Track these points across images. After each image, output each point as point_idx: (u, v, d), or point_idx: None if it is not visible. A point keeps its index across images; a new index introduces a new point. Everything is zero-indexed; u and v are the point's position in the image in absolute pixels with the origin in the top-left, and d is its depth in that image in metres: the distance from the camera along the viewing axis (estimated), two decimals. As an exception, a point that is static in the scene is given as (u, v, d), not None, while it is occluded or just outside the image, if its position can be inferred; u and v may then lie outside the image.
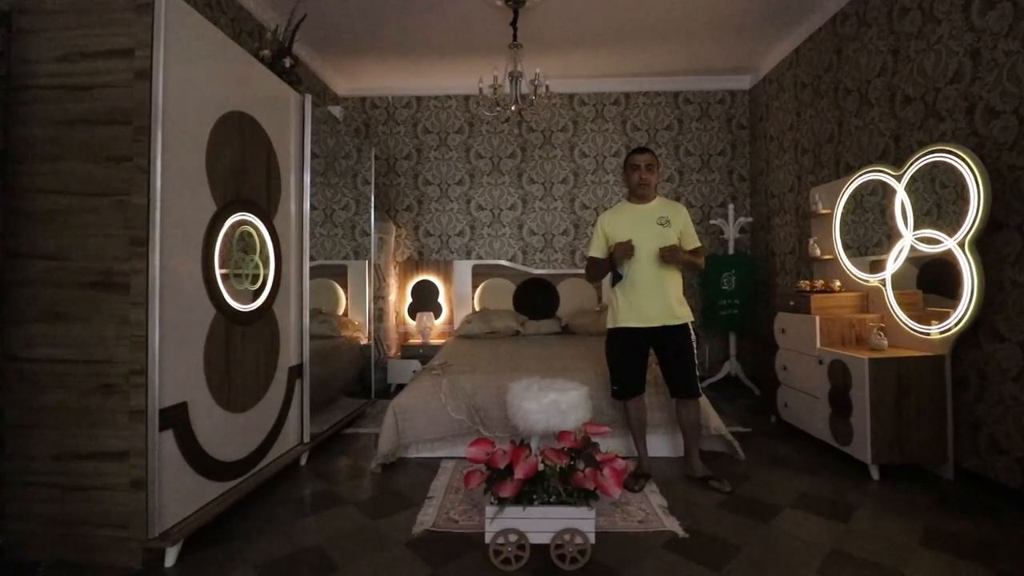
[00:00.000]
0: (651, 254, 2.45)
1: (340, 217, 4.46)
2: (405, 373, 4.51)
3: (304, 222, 2.92)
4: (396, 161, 5.02)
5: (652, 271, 2.46)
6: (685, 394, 2.52)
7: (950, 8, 2.60)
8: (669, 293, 2.49)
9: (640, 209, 2.55)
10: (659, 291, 2.47)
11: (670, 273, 2.51)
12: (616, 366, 2.58)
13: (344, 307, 4.43)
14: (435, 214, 5.00)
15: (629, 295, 2.50)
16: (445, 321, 4.92)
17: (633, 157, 2.55)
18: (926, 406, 2.59)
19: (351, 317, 4.41)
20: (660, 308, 2.47)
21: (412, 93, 5.00)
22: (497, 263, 4.90)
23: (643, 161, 2.51)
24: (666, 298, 2.48)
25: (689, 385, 2.50)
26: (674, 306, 2.49)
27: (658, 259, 2.44)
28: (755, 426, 3.45)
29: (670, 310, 2.48)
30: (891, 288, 2.91)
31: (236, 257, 2.27)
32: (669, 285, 2.49)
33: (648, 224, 2.49)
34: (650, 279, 2.47)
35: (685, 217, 2.57)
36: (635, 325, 2.48)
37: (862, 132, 3.31)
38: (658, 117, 4.93)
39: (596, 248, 2.61)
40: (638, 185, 2.52)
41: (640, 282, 2.47)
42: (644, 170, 2.50)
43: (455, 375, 2.97)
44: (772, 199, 4.48)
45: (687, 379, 2.50)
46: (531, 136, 4.99)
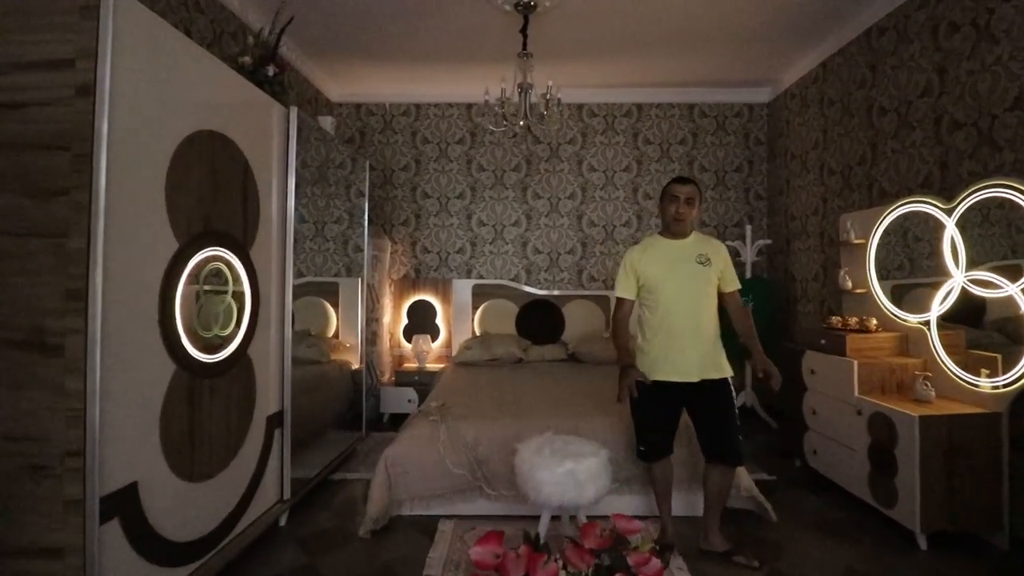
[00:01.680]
0: (690, 297, 2.16)
1: (332, 231, 4.17)
2: (399, 402, 4.21)
3: (288, 251, 2.62)
4: (393, 172, 4.71)
5: (691, 315, 2.15)
6: (724, 460, 2.19)
7: (1010, 27, 2.33)
8: (709, 341, 2.18)
9: (676, 245, 2.23)
10: (698, 339, 2.16)
11: (710, 316, 2.20)
12: (643, 424, 2.25)
13: (335, 328, 4.13)
14: (434, 229, 4.70)
15: (664, 343, 2.16)
16: (443, 344, 4.62)
17: (672, 187, 2.22)
18: (980, 469, 2.31)
19: (342, 339, 4.11)
20: (699, 360, 2.15)
21: (411, 100, 4.70)
22: (499, 283, 4.61)
23: (683, 193, 2.18)
24: (706, 347, 2.17)
25: (731, 451, 2.17)
26: (716, 357, 2.19)
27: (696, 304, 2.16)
28: (779, 471, 3.17)
29: (712, 362, 2.17)
30: (936, 331, 2.64)
31: (204, 300, 1.97)
32: (709, 331, 2.19)
33: (687, 262, 2.18)
34: (691, 326, 2.15)
35: (725, 256, 2.26)
36: (671, 379, 2.15)
37: (901, 156, 3.03)
38: (671, 130, 4.65)
39: (625, 288, 2.28)
40: (674, 220, 2.20)
41: (677, 329, 2.15)
42: (683, 203, 2.18)
43: (455, 420, 2.67)
44: (793, 221, 4.21)
45: (730, 443, 2.17)
46: (537, 148, 4.69)
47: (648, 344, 2.22)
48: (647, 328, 2.23)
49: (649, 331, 2.22)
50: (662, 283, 2.16)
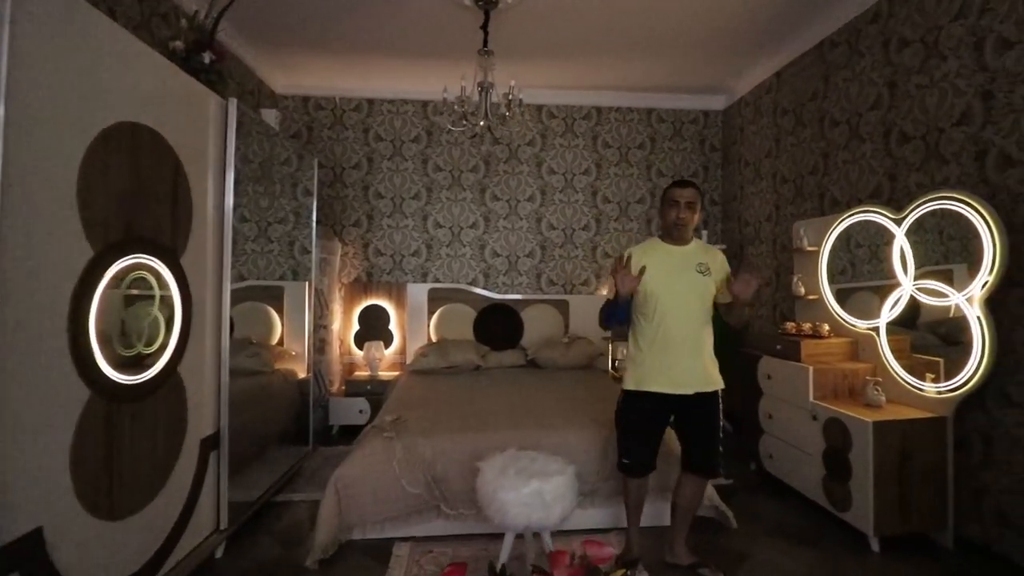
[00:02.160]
0: (688, 306, 2.08)
1: (276, 232, 3.90)
2: (350, 413, 3.99)
3: (225, 256, 2.38)
4: (343, 170, 4.47)
5: (688, 326, 2.08)
6: (702, 471, 2.17)
7: (958, 45, 2.42)
8: (705, 353, 2.12)
9: (676, 252, 2.13)
10: (696, 351, 2.09)
11: (707, 328, 2.15)
12: (630, 436, 2.17)
13: (279, 335, 3.87)
14: (387, 231, 4.49)
15: (659, 354, 2.07)
16: (397, 351, 4.43)
17: (672, 191, 2.12)
18: (929, 471, 2.40)
19: (288, 347, 3.86)
20: (696, 372, 2.08)
21: (363, 95, 4.47)
22: (456, 287, 4.46)
23: (684, 197, 2.08)
24: (702, 359, 2.10)
25: (710, 463, 2.15)
26: (710, 369, 2.13)
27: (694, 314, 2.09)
28: (735, 474, 3.21)
29: (706, 374, 2.11)
30: (885, 337, 2.72)
31: (125, 314, 1.74)
32: (705, 343, 2.13)
33: (686, 270, 2.08)
34: (687, 336, 2.07)
35: (724, 264, 2.19)
36: (665, 391, 2.07)
37: (851, 167, 3.13)
38: (630, 134, 4.65)
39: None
40: (675, 225, 2.09)
41: (675, 339, 2.06)
42: (684, 208, 2.07)
43: (411, 436, 2.52)
44: (747, 227, 4.30)
45: (711, 456, 2.15)
46: (496, 149, 4.58)
47: (641, 354, 2.13)
48: (641, 337, 2.13)
49: (643, 340, 2.12)
50: (660, 290, 2.06)
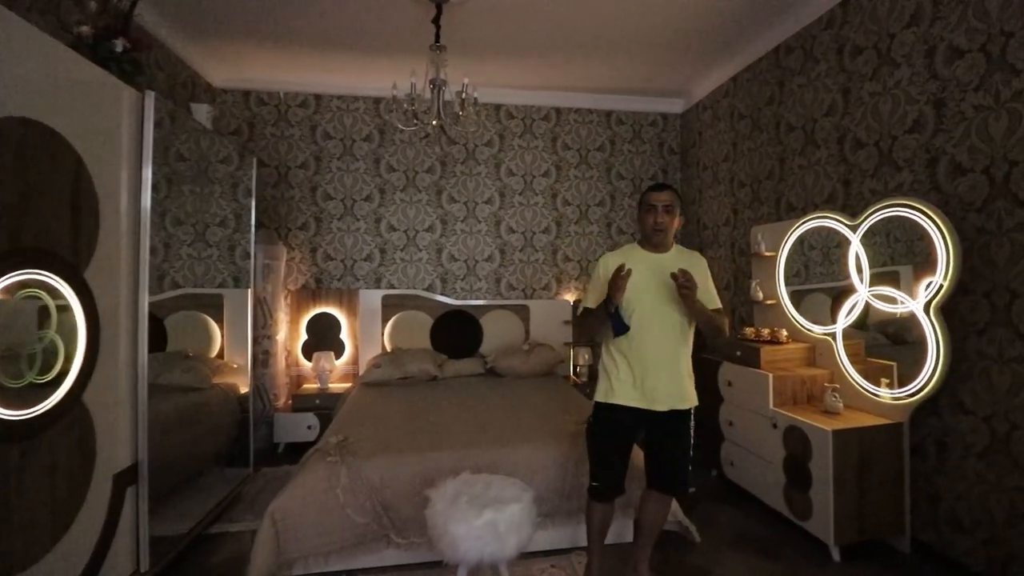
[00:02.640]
0: (666, 318, 1.96)
1: (215, 235, 3.63)
2: (297, 429, 3.75)
3: (142, 265, 2.13)
4: (289, 170, 4.20)
5: (668, 339, 1.97)
6: (669, 488, 2.06)
7: (911, 52, 2.43)
8: (683, 368, 2.01)
9: (655, 259, 2.00)
10: (673, 365, 1.97)
11: (686, 341, 2.03)
12: (602, 456, 2.03)
13: (219, 347, 3.60)
14: (337, 234, 4.25)
15: (633, 367, 1.96)
16: (348, 361, 4.20)
17: (649, 195, 2.01)
18: (886, 478, 2.40)
19: (228, 359, 3.59)
20: (672, 388, 1.97)
21: (310, 90, 4.21)
22: (412, 292, 4.27)
23: (661, 201, 1.98)
24: (680, 375, 1.99)
25: (678, 480, 2.05)
26: (687, 386, 2.02)
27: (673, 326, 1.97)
28: (697, 483, 3.16)
29: (682, 391, 1.99)
30: (842, 343, 2.73)
31: (11, 339, 1.49)
32: (684, 357, 2.02)
33: (666, 279, 1.91)
34: (665, 349, 1.96)
35: (705, 271, 2.09)
36: (639, 406, 1.96)
37: (807, 172, 3.13)
38: (590, 136, 4.57)
39: (592, 297, 2.05)
40: (653, 231, 1.99)
41: (652, 353, 1.95)
42: (662, 212, 1.97)
43: (357, 459, 2.33)
44: (705, 230, 4.29)
45: (680, 473, 2.04)
46: (452, 150, 4.41)
47: (615, 365, 2.00)
48: (615, 349, 2.00)
49: (617, 353, 2.00)
50: (637, 300, 1.94)
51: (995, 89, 2.06)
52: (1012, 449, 2.01)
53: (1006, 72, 2.01)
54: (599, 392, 2.04)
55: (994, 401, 2.08)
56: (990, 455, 2.09)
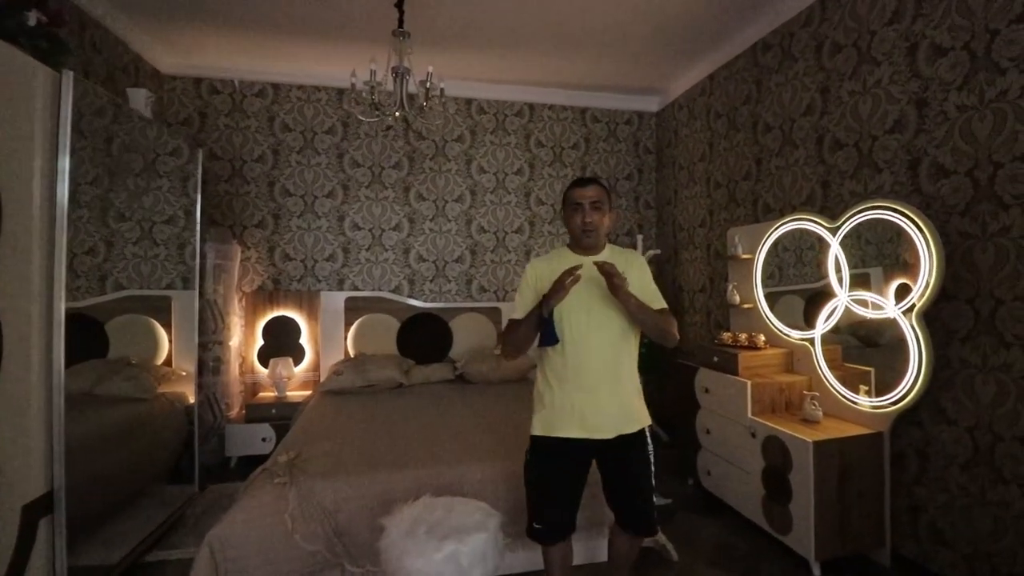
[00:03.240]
0: (605, 329, 1.69)
1: (163, 233, 3.36)
2: (251, 441, 3.49)
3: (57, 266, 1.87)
4: (245, 163, 3.93)
5: (607, 354, 1.69)
6: (637, 530, 1.79)
7: (891, 50, 2.36)
8: (627, 384, 1.73)
9: (583, 261, 1.70)
10: (615, 384, 1.70)
11: (630, 353, 1.75)
12: (541, 494, 1.73)
13: (166, 354, 3.33)
14: (297, 233, 4.00)
15: (572, 390, 1.67)
16: (308, 368, 3.95)
17: (573, 192, 1.74)
18: (867, 490, 2.32)
19: (177, 367, 3.32)
20: (615, 410, 1.69)
21: (268, 79, 3.95)
22: (377, 294, 4.05)
23: (587, 197, 1.71)
24: (623, 394, 1.72)
25: (645, 520, 1.77)
26: (634, 404, 1.74)
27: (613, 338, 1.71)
28: (673, 492, 3.06)
29: (628, 412, 1.72)
30: (820, 349, 2.65)
31: None
32: (629, 373, 1.74)
33: (601, 285, 1.66)
34: (606, 365, 1.69)
35: (644, 270, 1.81)
36: (577, 436, 1.67)
37: (784, 173, 3.06)
38: (564, 134, 4.43)
39: (522, 307, 1.74)
40: (583, 232, 1.72)
41: (590, 372, 1.67)
42: (589, 209, 1.71)
43: (308, 480, 2.12)
44: (681, 232, 4.21)
45: (644, 511, 1.76)
46: (421, 145, 4.21)
47: (550, 392, 1.71)
48: (549, 370, 1.73)
49: (552, 374, 1.72)
50: (569, 311, 1.67)
51: (979, 88, 1.99)
52: (996, 461, 1.95)
53: (991, 71, 1.95)
54: (534, 424, 1.74)
55: (977, 411, 2.01)
56: (973, 467, 2.03)
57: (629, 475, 1.74)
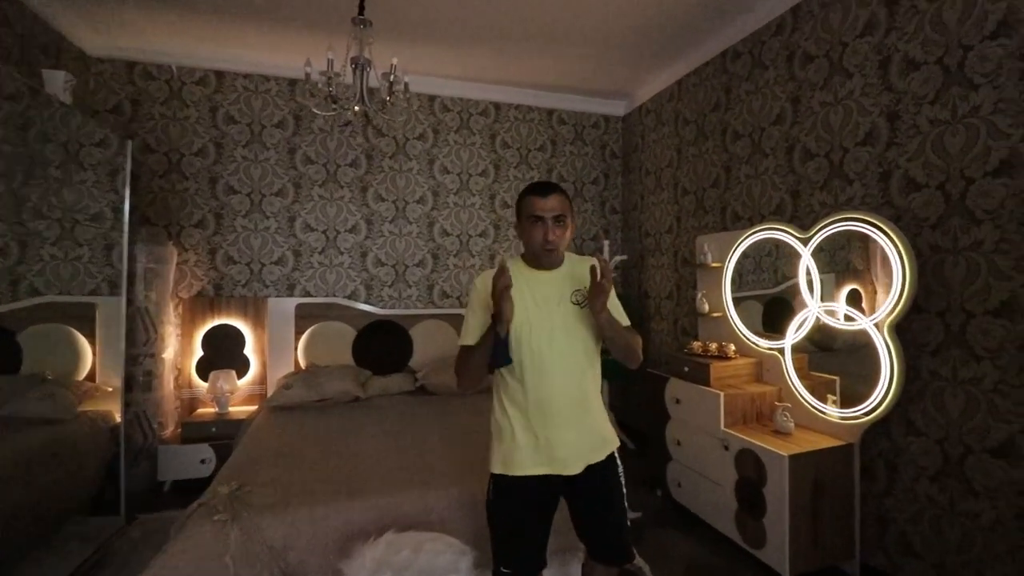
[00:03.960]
0: (567, 352, 1.50)
1: (87, 232, 3.04)
2: (189, 464, 3.17)
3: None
4: (183, 157, 3.58)
5: (572, 379, 1.50)
6: (613, 560, 1.62)
7: (864, 62, 2.36)
8: (595, 412, 1.56)
9: (544, 279, 1.53)
10: (583, 411, 1.52)
11: (594, 377, 1.57)
12: (506, 539, 1.53)
13: (89, 368, 2.99)
14: (242, 234, 3.69)
15: (535, 421, 1.48)
16: (254, 381, 3.64)
17: (533, 202, 1.48)
18: (838, 502, 2.32)
19: (102, 382, 2.99)
20: (583, 440, 1.52)
21: (211, 65, 3.62)
22: (331, 301, 3.79)
23: (550, 211, 1.46)
24: (592, 418, 1.55)
25: (620, 548, 1.61)
26: (601, 429, 1.58)
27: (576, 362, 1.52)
28: (642, 504, 2.98)
29: (596, 439, 1.56)
30: (791, 359, 2.64)
31: None
32: (594, 397, 1.57)
33: (561, 303, 1.51)
34: (569, 390, 1.50)
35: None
36: (547, 473, 1.49)
37: (754, 182, 3.04)
38: (531, 135, 4.31)
39: (474, 332, 1.51)
40: (543, 250, 1.49)
41: (554, 401, 1.47)
42: (552, 226, 1.47)
43: (254, 515, 1.89)
44: (647, 237, 4.17)
45: (619, 539, 1.60)
46: (380, 142, 3.97)
47: (510, 426, 1.50)
48: (508, 401, 1.51)
49: (511, 405, 1.51)
50: (528, 333, 1.48)
51: (952, 103, 2.00)
52: (966, 473, 1.96)
53: (964, 86, 1.96)
54: (493, 461, 1.54)
55: (947, 423, 2.03)
56: (943, 478, 2.04)
57: (600, 505, 1.57)
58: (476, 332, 1.50)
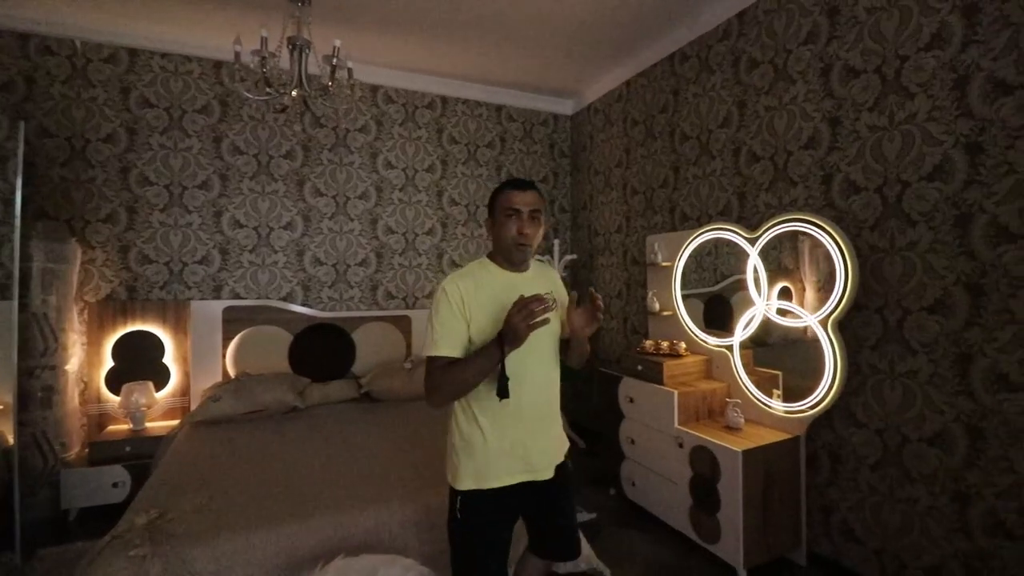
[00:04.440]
0: (541, 358, 1.48)
1: (-32, 226, 2.61)
2: (98, 489, 2.80)
3: None
4: (88, 144, 3.17)
5: (545, 384, 1.50)
6: (567, 555, 1.60)
7: (806, 69, 2.45)
8: (558, 412, 1.57)
9: (516, 281, 1.47)
10: (553, 417, 1.53)
11: (557, 379, 1.56)
12: (475, 561, 1.43)
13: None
14: (160, 230, 3.32)
15: (510, 427, 1.42)
16: (175, 393, 3.29)
17: (510, 196, 1.44)
18: (787, 493, 2.39)
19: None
20: (553, 444, 1.52)
21: (122, 42, 3.23)
22: (264, 303, 3.50)
23: (527, 205, 1.43)
24: (557, 425, 1.56)
25: (576, 544, 1.61)
26: (563, 432, 1.59)
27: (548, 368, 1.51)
28: (596, 504, 2.97)
29: (562, 442, 1.57)
30: (739, 356, 2.70)
31: None
32: (557, 399, 1.57)
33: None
34: (543, 395, 1.49)
35: (563, 290, 1.64)
36: (523, 480, 1.45)
37: (702, 183, 3.10)
38: (479, 131, 4.20)
39: (450, 340, 1.38)
40: (517, 245, 1.43)
41: (530, 407, 1.44)
42: (528, 219, 1.43)
43: (178, 546, 1.66)
44: (597, 237, 4.18)
45: (575, 536, 1.61)
46: (318, 133, 3.72)
47: (482, 436, 1.41)
48: (479, 412, 1.42)
49: (483, 415, 1.42)
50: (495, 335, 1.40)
51: (889, 110, 2.10)
52: (904, 461, 2.06)
53: (900, 95, 2.06)
54: (461, 477, 1.42)
55: (886, 414, 2.13)
56: (883, 467, 2.14)
57: (564, 503, 1.57)
58: (452, 343, 1.38)
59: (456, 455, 1.45)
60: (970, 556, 1.85)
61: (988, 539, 1.81)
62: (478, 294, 1.41)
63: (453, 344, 1.38)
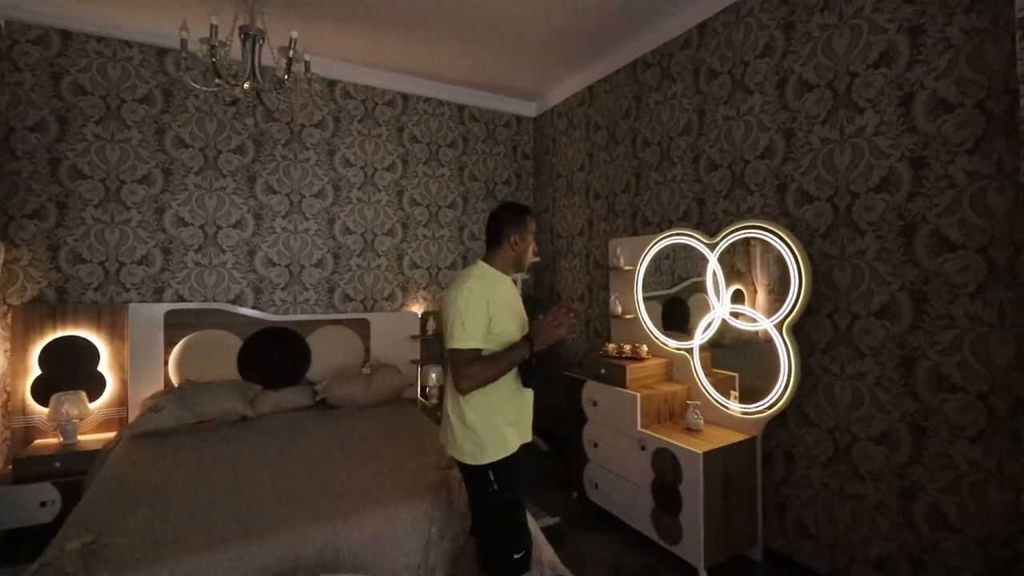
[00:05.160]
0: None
1: None
2: (25, 508, 2.56)
3: None
4: (13, 132, 2.90)
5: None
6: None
7: (763, 81, 2.53)
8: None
9: (508, 283, 1.86)
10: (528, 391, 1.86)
11: None
12: (517, 520, 1.73)
13: None
14: (94, 227, 3.08)
15: (513, 400, 1.76)
16: (111, 403, 3.05)
17: (535, 222, 1.88)
18: (744, 492, 2.46)
19: None
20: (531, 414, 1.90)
21: (53, 23, 2.97)
22: (211, 306, 3.30)
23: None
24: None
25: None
26: None
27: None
28: (558, 508, 2.97)
29: None
30: (699, 358, 2.76)
31: None
32: None
33: (519, 302, 1.90)
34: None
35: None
36: (524, 442, 1.81)
37: (663, 189, 3.16)
38: (440, 131, 4.13)
39: (478, 334, 1.63)
40: (531, 261, 1.96)
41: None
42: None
43: (117, 573, 1.53)
44: (559, 239, 4.19)
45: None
46: (271, 127, 3.55)
47: (500, 410, 1.72)
48: (498, 394, 1.71)
49: (504, 397, 1.73)
50: (513, 329, 1.75)
51: (840, 124, 2.20)
52: (853, 459, 2.16)
53: (850, 109, 2.16)
54: (489, 450, 1.68)
55: (837, 414, 2.22)
56: (834, 465, 2.23)
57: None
58: (479, 335, 1.63)
59: (475, 435, 1.68)
60: (915, 548, 1.95)
61: (931, 532, 1.91)
62: (494, 294, 1.70)
63: (479, 338, 1.64)
